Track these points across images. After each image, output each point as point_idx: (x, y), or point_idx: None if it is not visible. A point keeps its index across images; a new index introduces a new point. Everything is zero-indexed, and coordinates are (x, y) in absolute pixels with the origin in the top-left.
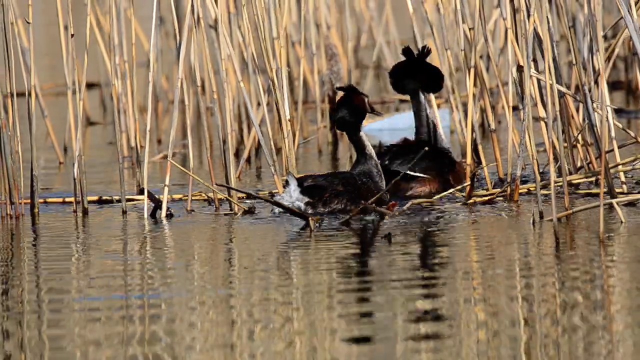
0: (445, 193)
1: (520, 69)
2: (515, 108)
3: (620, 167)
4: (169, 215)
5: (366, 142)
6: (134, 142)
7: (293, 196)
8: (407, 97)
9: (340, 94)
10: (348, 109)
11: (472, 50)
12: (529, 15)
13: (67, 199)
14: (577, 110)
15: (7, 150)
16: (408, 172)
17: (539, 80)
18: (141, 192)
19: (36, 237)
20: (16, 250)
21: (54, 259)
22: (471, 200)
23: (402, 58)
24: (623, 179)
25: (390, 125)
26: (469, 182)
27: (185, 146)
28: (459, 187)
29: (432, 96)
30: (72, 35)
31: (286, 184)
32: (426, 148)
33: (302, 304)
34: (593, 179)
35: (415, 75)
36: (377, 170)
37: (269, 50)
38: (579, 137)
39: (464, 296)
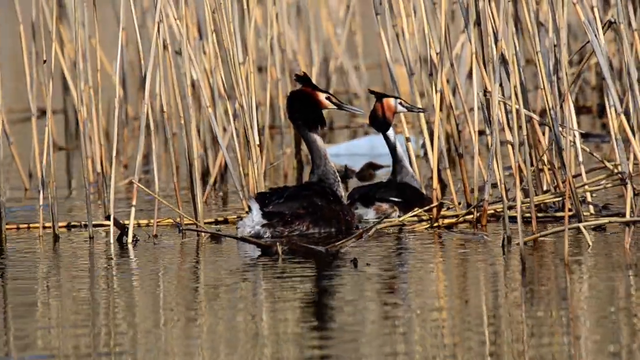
0: (410, 214)
1: (487, 93)
2: (481, 132)
3: (586, 187)
4: (135, 241)
5: (321, 145)
6: (100, 168)
7: (255, 220)
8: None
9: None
10: (298, 102)
11: (438, 74)
12: (496, 41)
13: (32, 225)
14: (544, 134)
15: None
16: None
17: (505, 105)
18: (107, 218)
19: (2, 266)
20: None
21: (20, 294)
22: (437, 224)
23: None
24: (590, 199)
25: (347, 151)
26: (435, 205)
27: (151, 171)
28: (425, 208)
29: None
30: (45, 62)
31: (249, 209)
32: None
33: (271, 344)
34: (560, 199)
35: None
36: (334, 176)
37: (238, 75)
38: (546, 161)
39: (429, 321)
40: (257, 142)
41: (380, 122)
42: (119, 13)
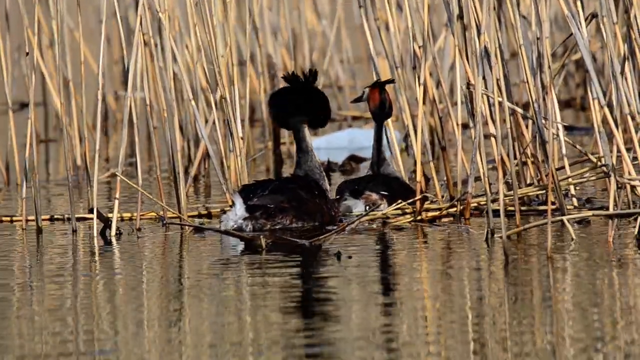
0: (393, 207)
1: (470, 86)
2: (465, 125)
3: (570, 179)
4: (119, 234)
5: (308, 139)
6: (80, 161)
7: (238, 214)
8: (359, 115)
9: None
10: (282, 100)
11: (421, 68)
12: (479, 34)
13: (15, 219)
14: (527, 127)
15: None
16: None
17: (488, 98)
18: (90, 211)
19: None
20: None
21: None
22: (421, 217)
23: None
24: (573, 192)
25: (328, 144)
26: (419, 197)
27: (133, 164)
28: (408, 201)
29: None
30: (27, 54)
31: (232, 203)
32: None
33: (254, 340)
34: (543, 192)
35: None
36: (319, 171)
37: (221, 68)
38: (529, 154)
39: (413, 316)
40: (241, 135)
41: (386, 113)
42: (101, 6)
